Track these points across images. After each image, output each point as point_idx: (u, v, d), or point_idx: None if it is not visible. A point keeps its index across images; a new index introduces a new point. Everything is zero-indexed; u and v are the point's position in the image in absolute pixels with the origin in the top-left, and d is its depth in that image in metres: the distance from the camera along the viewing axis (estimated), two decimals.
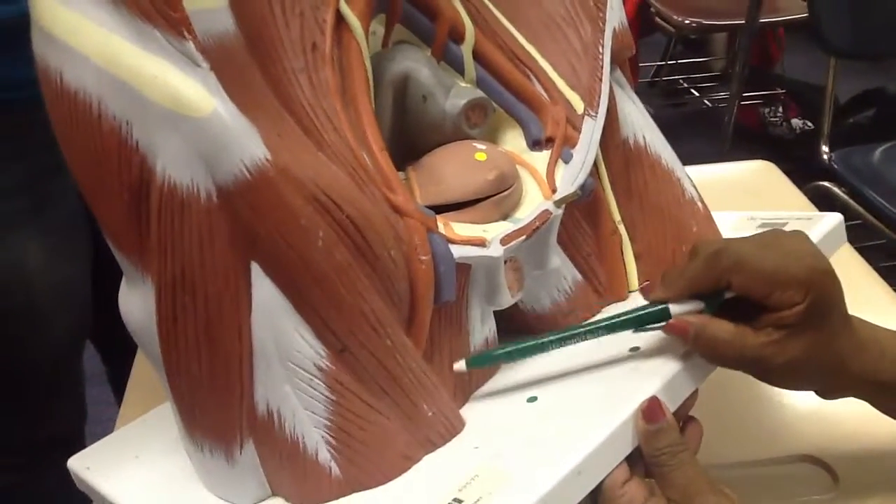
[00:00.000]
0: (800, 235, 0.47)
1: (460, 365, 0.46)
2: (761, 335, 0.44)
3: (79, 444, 0.96)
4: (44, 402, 0.91)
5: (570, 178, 0.52)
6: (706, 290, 0.45)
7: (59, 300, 0.85)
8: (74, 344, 0.91)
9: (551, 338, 0.47)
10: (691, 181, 0.61)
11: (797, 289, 0.43)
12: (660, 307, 0.46)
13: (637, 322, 0.47)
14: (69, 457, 0.51)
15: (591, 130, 0.54)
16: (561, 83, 0.56)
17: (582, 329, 0.47)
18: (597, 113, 0.55)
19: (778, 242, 0.45)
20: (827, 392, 0.49)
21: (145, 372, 0.72)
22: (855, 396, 0.49)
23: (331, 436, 0.42)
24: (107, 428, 0.61)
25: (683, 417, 0.47)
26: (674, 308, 0.46)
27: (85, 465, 0.50)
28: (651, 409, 0.43)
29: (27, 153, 0.78)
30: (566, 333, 0.47)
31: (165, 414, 0.49)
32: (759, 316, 0.44)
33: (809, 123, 2.41)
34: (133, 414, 0.55)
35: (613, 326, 0.47)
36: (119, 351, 0.87)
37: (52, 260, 0.82)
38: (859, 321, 0.48)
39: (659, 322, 0.46)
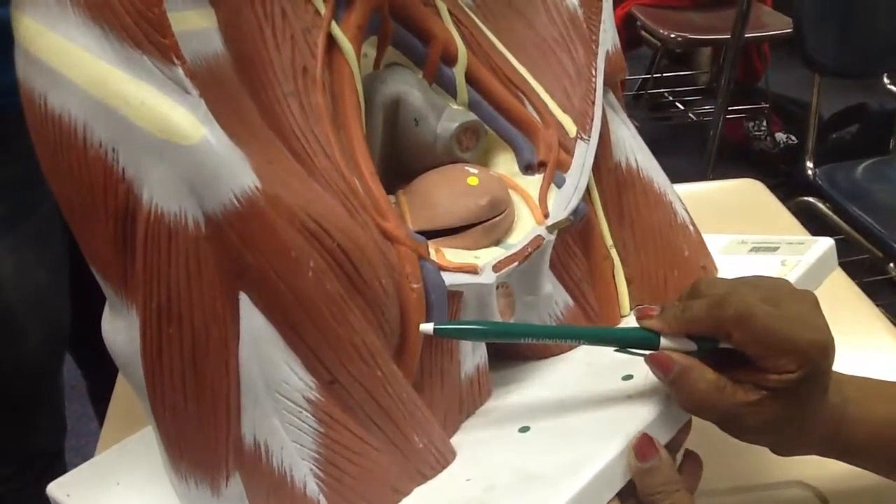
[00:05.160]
0: (808, 298, 0.44)
1: (427, 327, 0.42)
2: (740, 393, 0.42)
3: (58, 459, 0.95)
4: (22, 414, 0.89)
5: (562, 202, 0.52)
6: (704, 334, 0.43)
7: (33, 309, 0.83)
8: (52, 356, 0.90)
9: (531, 331, 0.45)
10: (683, 204, 0.60)
11: (793, 358, 0.41)
12: (651, 334, 0.44)
13: (623, 341, 0.45)
14: (49, 471, 0.50)
15: (584, 154, 0.54)
16: (553, 106, 0.55)
17: (564, 331, 0.45)
18: (589, 136, 0.54)
19: (786, 302, 0.43)
20: (781, 451, 0.47)
21: (127, 392, 0.70)
22: (808, 453, 0.47)
23: (319, 469, 0.41)
24: (86, 443, 0.60)
25: (678, 448, 0.46)
26: (664, 341, 0.44)
27: (65, 492, 0.49)
28: (642, 446, 0.41)
29: (10, 161, 0.76)
30: (547, 331, 0.45)
31: (147, 439, 0.48)
32: (745, 369, 0.42)
33: (793, 137, 2.43)
34: (115, 435, 0.54)
35: (597, 337, 0.45)
36: (99, 365, 0.85)
37: (25, 268, 0.81)
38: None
39: (644, 349, 0.44)
